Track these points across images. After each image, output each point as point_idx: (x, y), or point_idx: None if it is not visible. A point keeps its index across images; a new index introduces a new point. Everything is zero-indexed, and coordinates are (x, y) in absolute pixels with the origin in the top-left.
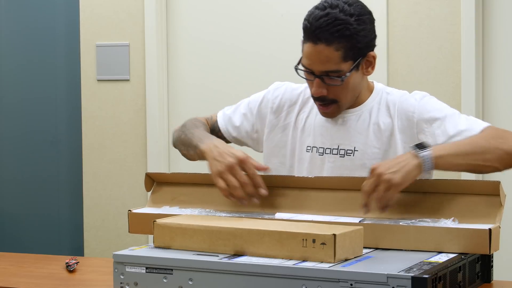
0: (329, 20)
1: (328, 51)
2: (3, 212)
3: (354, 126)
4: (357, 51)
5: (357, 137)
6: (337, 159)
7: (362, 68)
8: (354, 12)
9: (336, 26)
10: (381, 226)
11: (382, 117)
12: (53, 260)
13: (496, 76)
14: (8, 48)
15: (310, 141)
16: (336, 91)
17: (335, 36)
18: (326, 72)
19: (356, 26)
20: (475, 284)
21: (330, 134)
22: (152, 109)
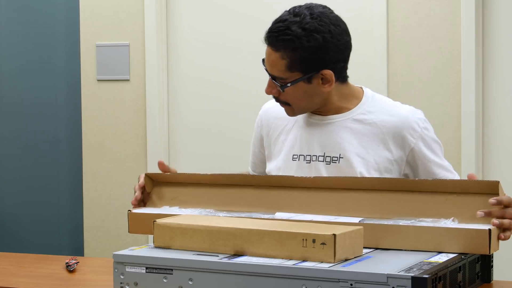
0: (281, 27)
1: (274, 57)
2: (3, 212)
3: (339, 133)
4: (306, 64)
5: (342, 144)
6: (323, 166)
7: (318, 82)
8: (310, 28)
9: (284, 36)
10: (381, 226)
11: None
12: (53, 260)
13: (496, 76)
14: (8, 48)
15: (296, 149)
16: (286, 96)
17: (281, 45)
18: (271, 76)
19: (304, 42)
20: (475, 284)
21: (316, 141)
22: (152, 109)
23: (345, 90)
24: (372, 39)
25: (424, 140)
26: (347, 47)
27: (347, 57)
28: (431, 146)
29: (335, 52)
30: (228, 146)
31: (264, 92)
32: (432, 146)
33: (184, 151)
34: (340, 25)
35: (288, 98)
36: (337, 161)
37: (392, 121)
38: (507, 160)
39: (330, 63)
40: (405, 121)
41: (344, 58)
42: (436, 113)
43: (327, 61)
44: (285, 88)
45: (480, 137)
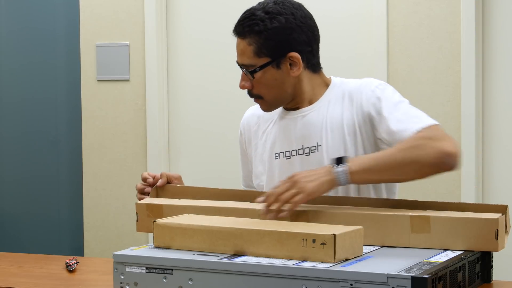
0: (246, 15)
1: (242, 45)
2: (3, 212)
3: (313, 122)
4: (272, 48)
5: (317, 133)
6: (304, 158)
7: (286, 67)
8: (273, 11)
9: (248, 21)
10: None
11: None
12: (53, 260)
13: (496, 76)
14: (8, 48)
15: (277, 148)
16: (258, 87)
17: (246, 31)
18: (241, 65)
19: (267, 24)
20: (475, 284)
21: (293, 136)
22: (152, 109)
23: (317, 80)
24: (372, 39)
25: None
26: (311, 31)
27: (314, 42)
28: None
29: (299, 33)
30: (228, 146)
31: None
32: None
33: (184, 151)
34: (303, 10)
35: (260, 88)
36: (316, 150)
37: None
38: (507, 160)
39: (296, 45)
40: (360, 86)
41: (310, 41)
42: (436, 113)
43: (292, 42)
44: (256, 75)
45: (480, 137)
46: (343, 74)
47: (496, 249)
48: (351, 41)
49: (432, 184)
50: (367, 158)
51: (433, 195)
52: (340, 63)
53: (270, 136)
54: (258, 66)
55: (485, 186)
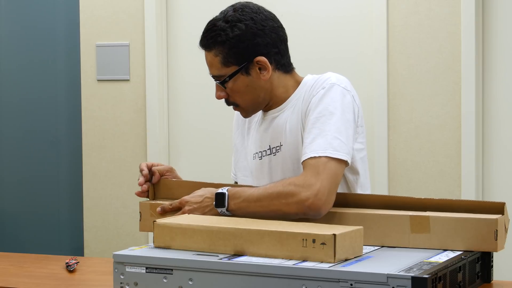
0: (208, 27)
1: (209, 57)
2: (3, 212)
3: (279, 123)
4: (238, 56)
5: (280, 132)
6: (272, 158)
7: (256, 72)
8: (233, 19)
9: (211, 33)
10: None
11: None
12: (53, 260)
13: (496, 76)
14: (8, 48)
15: (253, 148)
16: (233, 95)
17: (211, 43)
18: (213, 76)
19: (229, 33)
20: (475, 284)
21: (264, 137)
22: (152, 109)
23: (289, 80)
24: (372, 39)
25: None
26: (275, 32)
27: (280, 42)
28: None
29: (262, 37)
30: (228, 146)
31: None
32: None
33: (184, 151)
34: (263, 13)
35: (235, 96)
36: (279, 149)
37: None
38: (507, 160)
39: (261, 49)
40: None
41: (275, 43)
42: (436, 113)
43: (256, 47)
44: (227, 84)
45: (480, 137)
46: (343, 74)
47: (495, 250)
48: (351, 41)
49: (432, 184)
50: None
51: (433, 195)
52: (340, 63)
53: (252, 136)
54: (227, 76)
55: (485, 186)
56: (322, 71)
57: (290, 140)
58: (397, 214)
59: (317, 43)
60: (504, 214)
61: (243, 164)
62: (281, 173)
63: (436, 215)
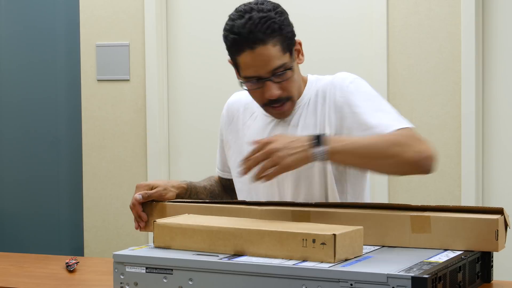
0: (254, 22)
1: (267, 50)
2: (3, 212)
3: (292, 123)
4: (288, 41)
5: (293, 132)
6: None
7: (296, 57)
8: (271, 8)
9: (263, 25)
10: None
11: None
12: (53, 260)
13: (496, 76)
14: (8, 48)
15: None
16: (287, 87)
17: (268, 34)
18: (273, 71)
19: (278, 18)
20: (475, 284)
21: (270, 135)
22: (152, 109)
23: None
24: (372, 39)
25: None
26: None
27: None
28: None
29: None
30: None
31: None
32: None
33: (184, 151)
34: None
35: (290, 88)
36: None
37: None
38: (507, 160)
39: (294, 32)
40: (332, 85)
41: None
42: (436, 113)
43: (293, 29)
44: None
45: (480, 137)
46: None
47: (496, 249)
48: (351, 41)
49: (432, 184)
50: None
51: (433, 195)
52: (340, 63)
53: (251, 131)
54: (290, 63)
55: (485, 186)
56: (322, 71)
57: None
58: (398, 214)
59: (317, 43)
60: (505, 216)
61: (237, 160)
62: (289, 175)
63: (437, 215)
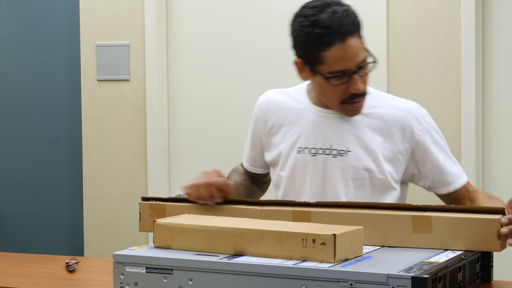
0: (340, 14)
1: (357, 42)
2: (3, 212)
3: (347, 127)
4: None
5: (350, 138)
6: (330, 159)
7: None
8: (345, 3)
9: (351, 17)
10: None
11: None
12: (53, 260)
13: (496, 76)
14: (8, 48)
15: (302, 142)
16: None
17: (354, 25)
18: (360, 64)
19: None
20: (475, 284)
21: (323, 135)
22: (152, 109)
23: None
24: (372, 39)
25: (429, 132)
26: None
27: None
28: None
29: None
30: (228, 146)
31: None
32: (437, 139)
33: (184, 151)
34: None
35: (366, 82)
36: (345, 154)
37: (398, 114)
38: (507, 160)
39: None
40: (410, 114)
41: None
42: (436, 113)
43: None
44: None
45: (480, 137)
46: None
47: (497, 249)
48: None
49: None
50: None
51: (434, 195)
52: None
53: (293, 129)
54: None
55: (485, 186)
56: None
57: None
58: (399, 214)
59: None
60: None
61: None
62: (340, 178)
63: (438, 215)
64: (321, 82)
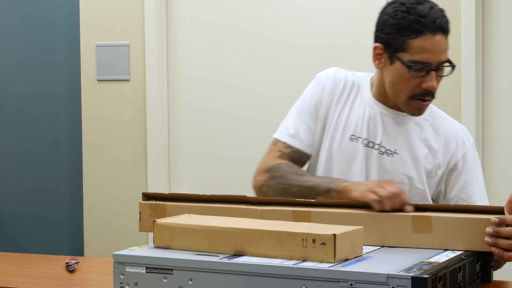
0: (438, 11)
1: (444, 41)
2: (3, 212)
3: (400, 130)
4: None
5: (400, 141)
6: (375, 155)
7: None
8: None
9: (444, 17)
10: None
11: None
12: (53, 260)
13: (496, 76)
14: (8, 48)
15: (357, 130)
16: (438, 84)
17: (447, 26)
18: (442, 63)
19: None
20: (475, 284)
21: (379, 129)
22: (152, 109)
23: None
24: (372, 39)
25: (472, 157)
26: None
27: None
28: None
29: None
30: (228, 146)
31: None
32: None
33: (184, 151)
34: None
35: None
36: (391, 155)
37: (448, 133)
38: (507, 160)
39: None
40: (459, 135)
41: None
42: None
43: None
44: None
45: (480, 137)
46: None
47: None
48: (351, 41)
49: None
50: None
51: None
52: (340, 63)
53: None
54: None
55: (485, 186)
56: (322, 70)
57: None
58: (399, 214)
59: (317, 43)
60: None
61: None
62: (378, 176)
63: (438, 215)
64: (397, 71)
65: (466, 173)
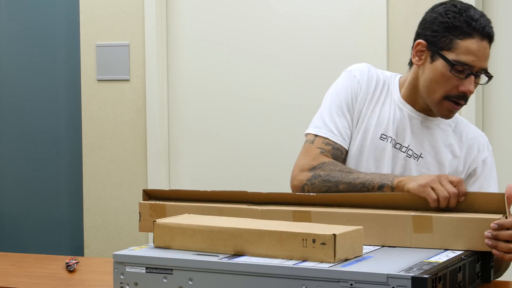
0: (488, 20)
1: (488, 49)
2: (3, 212)
3: (427, 135)
4: None
5: (426, 145)
6: (402, 157)
7: None
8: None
9: (492, 27)
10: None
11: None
12: (53, 260)
13: (496, 76)
14: (8, 48)
15: (388, 130)
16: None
17: (493, 36)
18: (482, 70)
19: None
20: (475, 284)
21: (403, 131)
22: (152, 109)
23: None
24: (372, 39)
25: (490, 165)
26: None
27: None
28: (491, 173)
29: None
30: (228, 146)
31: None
32: (492, 175)
33: (184, 151)
34: None
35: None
36: (417, 158)
37: (471, 138)
38: (507, 160)
39: None
40: (480, 139)
41: None
42: None
43: None
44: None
45: None
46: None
47: None
48: (351, 41)
49: None
50: None
51: None
52: (340, 63)
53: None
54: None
55: None
56: (322, 71)
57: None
58: (399, 214)
59: (317, 43)
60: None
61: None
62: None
63: (438, 215)
64: (438, 69)
65: (482, 179)
